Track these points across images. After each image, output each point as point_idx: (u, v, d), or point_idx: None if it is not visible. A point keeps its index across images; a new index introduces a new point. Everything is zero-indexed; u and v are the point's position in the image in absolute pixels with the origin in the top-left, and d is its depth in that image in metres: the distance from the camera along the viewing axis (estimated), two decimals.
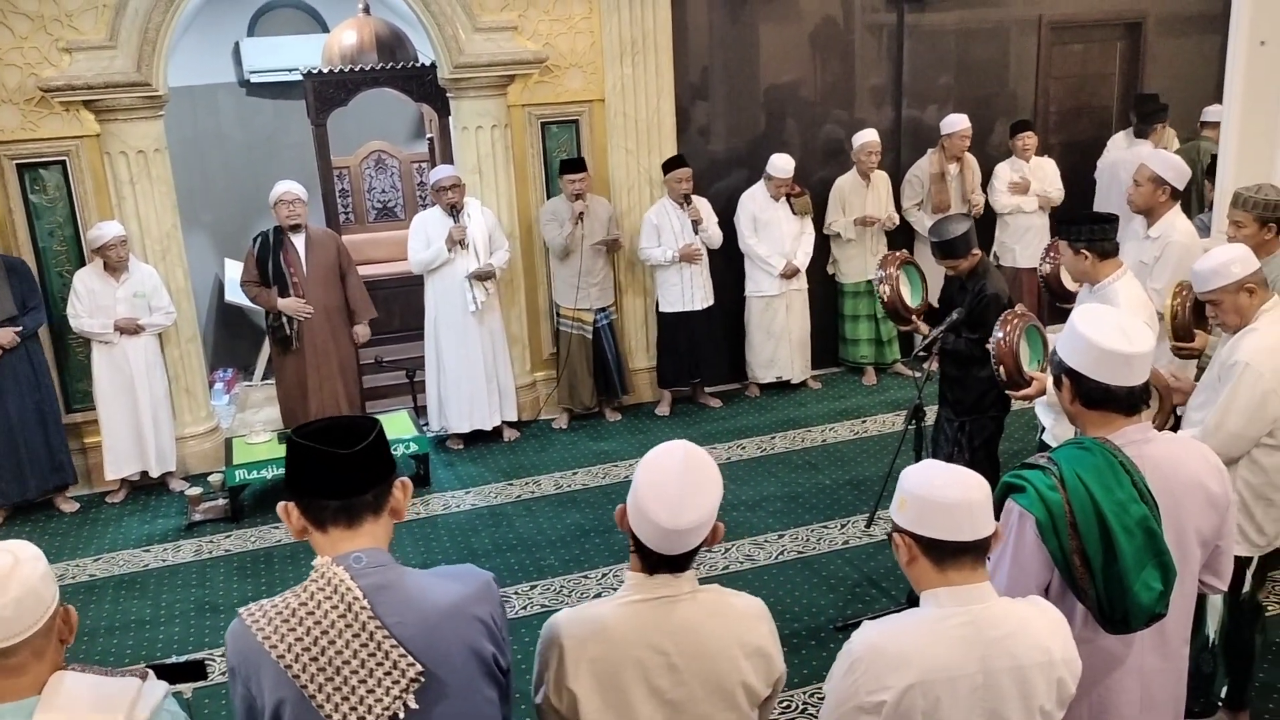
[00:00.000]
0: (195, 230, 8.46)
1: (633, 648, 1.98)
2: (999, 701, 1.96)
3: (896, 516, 2.02)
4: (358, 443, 1.83)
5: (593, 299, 6.73)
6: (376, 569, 1.83)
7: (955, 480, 1.97)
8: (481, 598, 1.91)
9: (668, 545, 1.97)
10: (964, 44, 7.74)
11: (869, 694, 1.95)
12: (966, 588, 1.98)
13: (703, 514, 1.95)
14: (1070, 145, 8.09)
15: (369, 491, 1.86)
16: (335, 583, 1.79)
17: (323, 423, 1.90)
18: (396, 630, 1.79)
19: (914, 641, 1.97)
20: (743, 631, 2.04)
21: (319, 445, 1.81)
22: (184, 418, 6.42)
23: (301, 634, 1.77)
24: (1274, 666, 4.06)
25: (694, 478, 1.97)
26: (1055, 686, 2.00)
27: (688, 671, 1.99)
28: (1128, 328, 2.29)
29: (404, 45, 8.14)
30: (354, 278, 6.42)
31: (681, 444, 2.03)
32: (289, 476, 1.87)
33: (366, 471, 1.86)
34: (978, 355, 4.57)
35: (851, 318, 7.50)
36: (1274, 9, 4.73)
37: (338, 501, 1.84)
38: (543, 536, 5.51)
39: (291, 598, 1.82)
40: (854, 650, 2.00)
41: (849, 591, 4.81)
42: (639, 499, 1.96)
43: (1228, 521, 2.40)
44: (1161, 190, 4.59)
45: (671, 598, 2.01)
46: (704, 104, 7.27)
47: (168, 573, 5.38)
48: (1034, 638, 1.98)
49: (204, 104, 9.03)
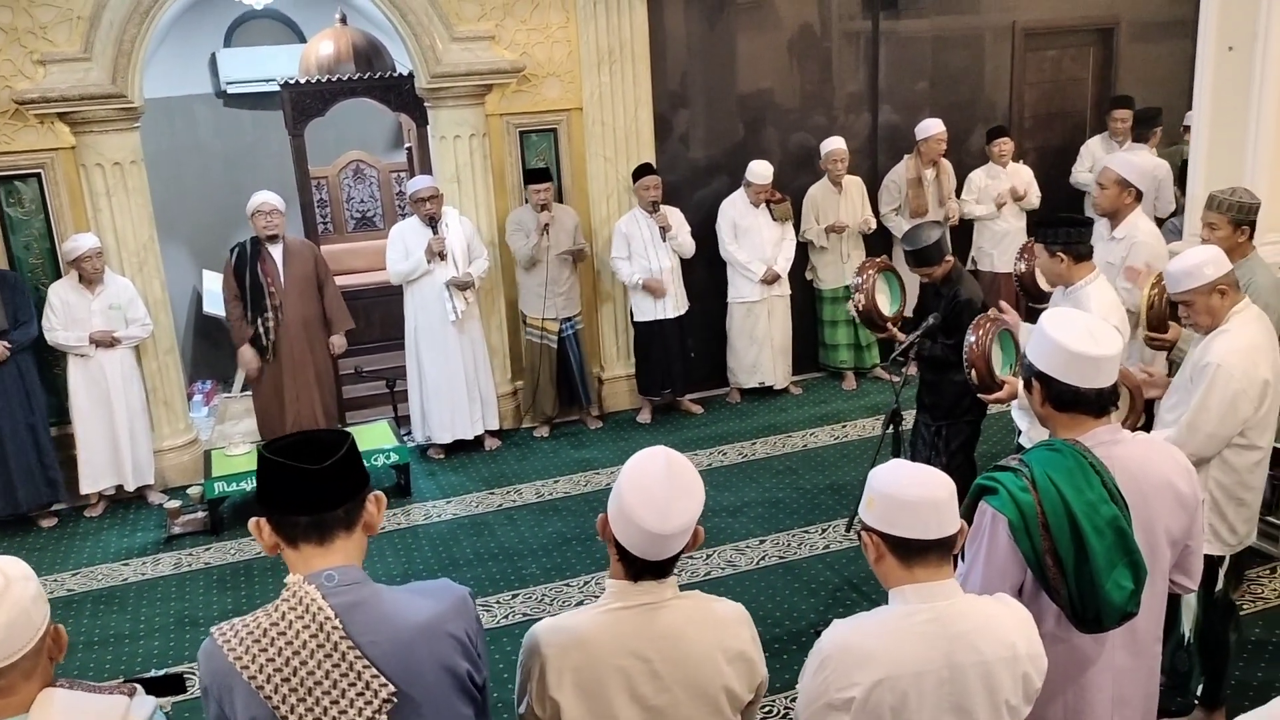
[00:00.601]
0: (173, 242, 8.42)
1: (615, 655, 1.99)
2: (965, 696, 1.98)
3: (864, 515, 2.05)
4: (328, 458, 1.81)
5: (559, 308, 6.71)
6: (349, 587, 1.82)
7: (920, 479, 2.00)
8: (456, 614, 1.90)
9: (654, 551, 1.98)
10: (939, 50, 7.80)
11: (838, 691, 1.97)
12: (932, 584, 2.01)
13: (689, 517, 1.97)
14: (1045, 150, 8.16)
15: (340, 507, 1.85)
16: (306, 602, 1.77)
17: (294, 437, 1.88)
18: (369, 650, 1.78)
19: (881, 638, 1.99)
20: (725, 637, 2.05)
21: (288, 461, 1.80)
22: (162, 430, 6.38)
23: (273, 654, 1.76)
24: (1249, 664, 4.10)
25: (678, 482, 1.99)
26: (1021, 681, 2.03)
27: (670, 678, 2.00)
28: (1095, 330, 2.32)
29: (381, 55, 8.14)
30: (331, 288, 6.40)
31: (662, 450, 2.05)
32: (260, 492, 1.87)
33: (337, 487, 1.84)
34: (953, 360, 4.60)
35: (831, 323, 7.53)
36: (1241, 15, 4.80)
37: (308, 518, 1.83)
38: (524, 545, 5.51)
39: (263, 617, 1.81)
40: (823, 649, 2.03)
41: (830, 596, 4.83)
42: (625, 506, 1.97)
43: (1197, 521, 2.43)
44: (1126, 193, 4.66)
45: (653, 604, 2.02)
46: (683, 112, 7.30)
47: (147, 586, 5.35)
48: (999, 633, 2.01)
49: (181, 115, 9.00)
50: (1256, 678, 4.03)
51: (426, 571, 5.28)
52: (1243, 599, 4.42)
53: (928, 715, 1.97)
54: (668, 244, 6.75)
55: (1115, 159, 4.76)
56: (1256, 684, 3.99)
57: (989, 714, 2.00)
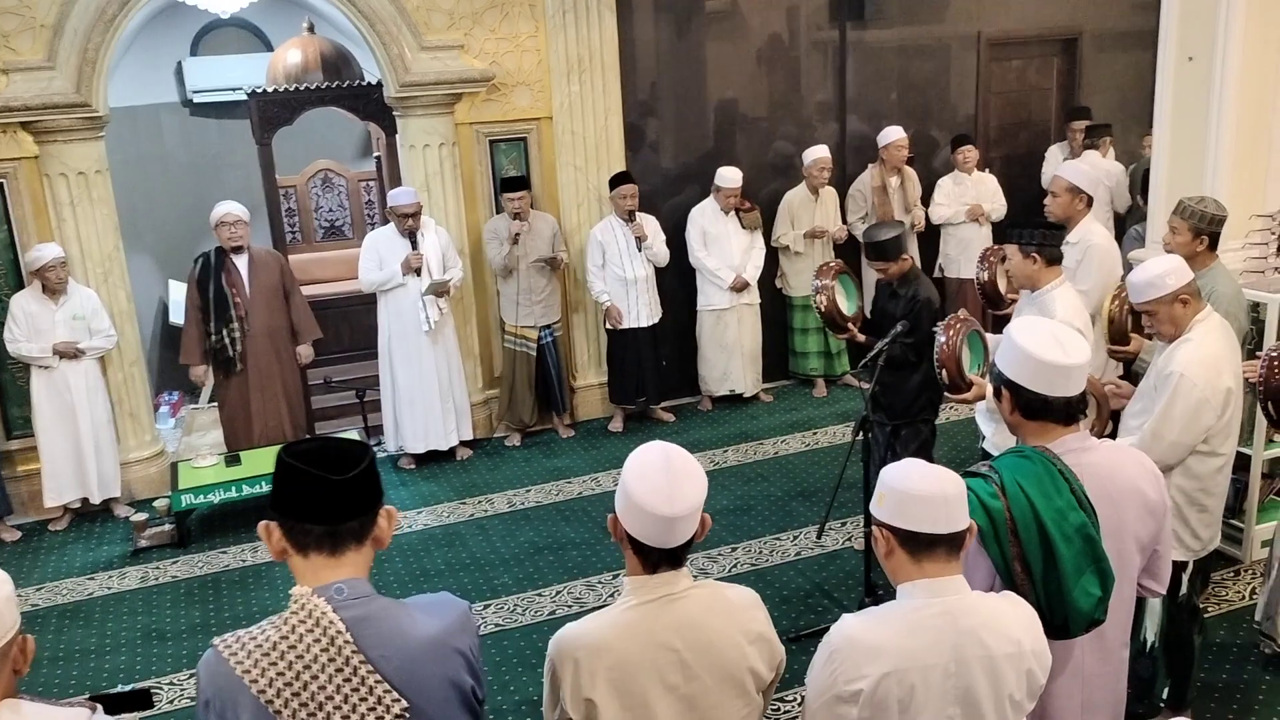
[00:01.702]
0: (139, 252, 8.33)
1: (644, 649, 2.04)
2: (970, 690, 2.01)
3: (876, 511, 2.08)
4: (350, 468, 1.79)
5: (536, 316, 6.72)
6: (358, 600, 1.80)
7: (931, 475, 2.04)
8: (461, 629, 1.90)
9: (667, 537, 2.03)
10: (905, 60, 7.87)
11: (847, 683, 2.00)
12: (941, 580, 2.04)
13: (696, 499, 2.03)
14: (1010, 159, 8.26)
15: (356, 519, 1.83)
16: (316, 615, 1.75)
17: (313, 443, 1.85)
18: (380, 664, 1.76)
19: (889, 631, 2.02)
20: (744, 620, 2.12)
21: (312, 469, 1.77)
22: (128, 442, 6.31)
23: (283, 668, 1.73)
24: (1214, 666, 4.15)
25: (679, 467, 2.06)
26: (1025, 678, 2.06)
27: (698, 665, 2.05)
28: (1064, 339, 2.35)
29: (349, 64, 8.11)
30: (298, 298, 6.36)
31: (657, 443, 2.13)
32: (274, 496, 1.83)
33: (356, 499, 1.82)
34: (912, 360, 4.67)
35: (801, 330, 7.57)
36: (1200, 26, 4.88)
37: (323, 527, 1.81)
38: (495, 555, 5.49)
39: (270, 630, 1.77)
40: (832, 641, 2.06)
41: (801, 603, 4.85)
42: (633, 496, 2.02)
43: (1165, 527, 2.47)
44: (1078, 199, 4.73)
45: (672, 595, 2.07)
46: (653, 121, 7.33)
47: (113, 600, 5.28)
48: (1005, 629, 2.04)
49: (147, 124, 8.91)
50: (1222, 680, 4.08)
51: (397, 583, 5.25)
52: (1207, 601, 4.48)
53: (934, 708, 2.00)
54: (643, 253, 6.77)
55: (1065, 167, 4.86)
56: (1222, 686, 4.04)
57: (993, 708, 2.03)
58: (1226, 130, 4.87)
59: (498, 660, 4.49)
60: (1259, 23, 4.80)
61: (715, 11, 7.30)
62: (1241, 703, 3.95)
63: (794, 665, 3.64)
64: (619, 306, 6.81)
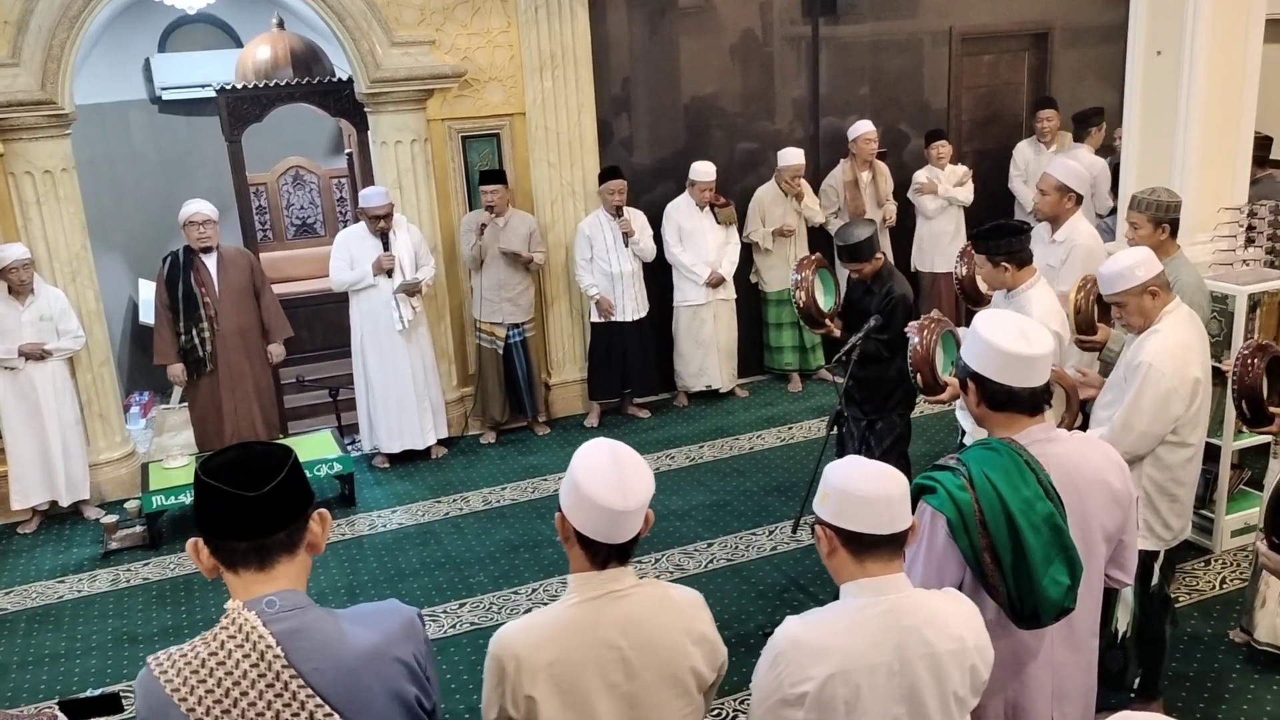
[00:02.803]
0: (107, 251, 8.24)
1: (587, 646, 2.02)
2: (914, 688, 2.01)
3: (819, 509, 2.07)
4: (267, 481, 1.73)
5: (505, 314, 6.67)
6: (290, 612, 1.75)
7: (875, 475, 2.03)
8: (404, 637, 1.85)
9: (616, 532, 2.02)
10: (878, 55, 7.89)
11: (792, 686, 1.99)
12: (883, 578, 2.04)
13: (646, 493, 2.03)
14: (982, 153, 8.29)
15: (282, 530, 1.77)
16: (246, 630, 1.71)
17: (233, 453, 1.79)
18: (313, 678, 1.72)
19: (833, 632, 2.02)
20: (688, 620, 2.11)
21: (225, 486, 1.72)
22: (98, 443, 6.24)
23: (212, 685, 1.69)
24: (1185, 656, 4.19)
25: (627, 462, 2.05)
26: (969, 673, 2.06)
27: (640, 663, 2.04)
28: (1028, 331, 2.36)
29: (320, 60, 8.04)
30: (268, 296, 6.30)
31: (601, 439, 2.11)
32: (197, 515, 1.79)
33: (278, 511, 1.76)
34: (885, 355, 4.69)
35: (776, 325, 7.58)
36: (1169, 21, 4.92)
37: (248, 543, 1.76)
38: (471, 554, 5.47)
39: (201, 646, 1.74)
40: (776, 644, 2.05)
41: (777, 597, 4.85)
42: (584, 490, 2.01)
43: (1130, 517, 2.48)
44: (1067, 198, 4.73)
45: (616, 593, 2.06)
46: (626, 117, 7.31)
47: (83, 603, 5.22)
48: (947, 626, 2.04)
49: (114, 122, 8.80)
50: (1192, 669, 4.12)
51: (372, 583, 5.22)
52: (1178, 589, 4.52)
53: (879, 707, 2.00)
54: (629, 248, 6.75)
55: (1055, 165, 4.82)
56: (1193, 675, 4.08)
57: (938, 705, 2.03)
58: (1195, 124, 4.91)
59: (473, 659, 4.47)
60: (1226, 17, 4.85)
61: (688, 7, 7.29)
62: (1213, 692, 3.98)
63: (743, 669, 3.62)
64: (608, 298, 6.79)
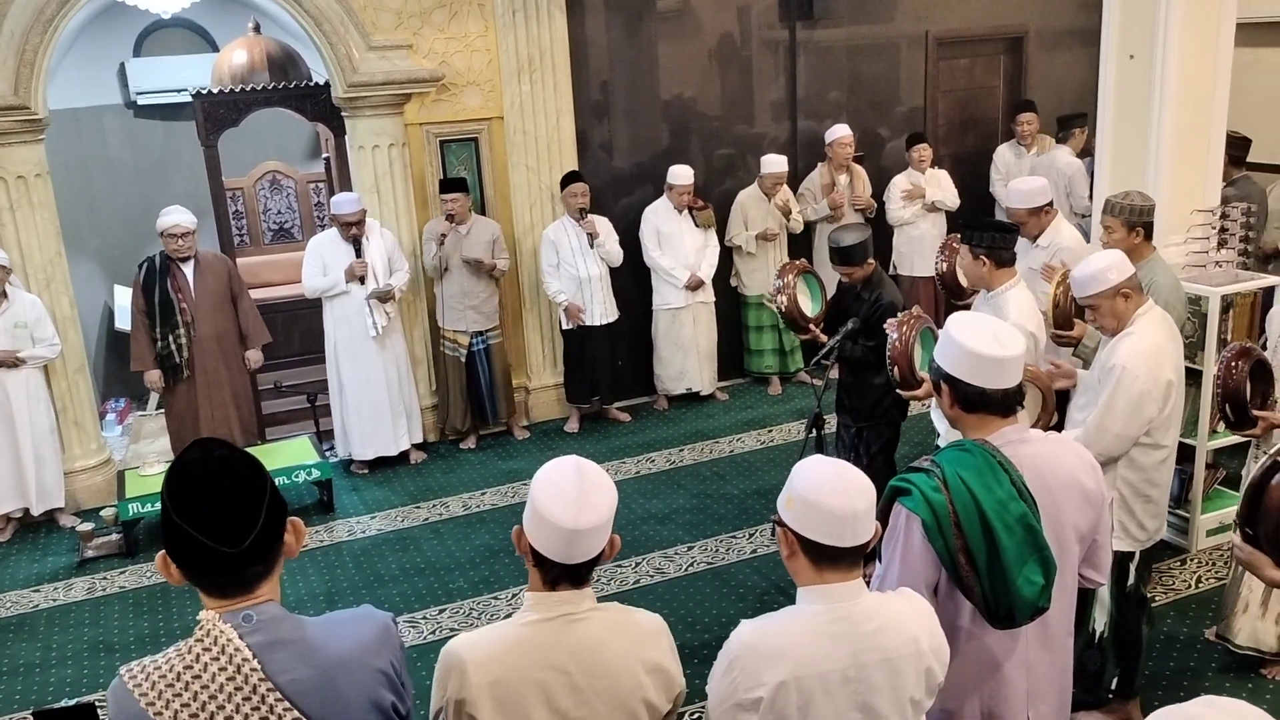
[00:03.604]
0: (82, 257, 8.17)
1: (534, 669, 1.97)
2: (870, 694, 2.01)
3: (783, 512, 2.05)
4: (247, 529, 1.69)
5: (469, 321, 6.62)
6: (266, 624, 1.73)
7: (841, 488, 2.00)
8: (380, 644, 1.83)
9: (570, 552, 1.96)
10: (854, 59, 7.93)
11: (746, 691, 1.98)
12: (840, 585, 2.03)
13: (602, 514, 1.96)
14: (959, 157, 8.33)
15: (260, 564, 1.74)
16: (222, 642, 1.69)
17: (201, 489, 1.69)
18: (289, 689, 1.70)
19: (788, 637, 2.01)
20: (644, 648, 2.05)
21: (203, 537, 1.67)
22: (73, 451, 6.18)
23: (188, 699, 1.67)
24: (1162, 655, 4.22)
25: (589, 480, 1.99)
26: (924, 676, 2.06)
27: (590, 690, 1.98)
28: (999, 333, 2.38)
29: (296, 64, 8.00)
30: (246, 301, 6.27)
31: (570, 457, 2.06)
32: (166, 543, 1.72)
33: (257, 555, 1.73)
34: (874, 362, 4.68)
35: (756, 329, 7.59)
36: (1141, 25, 4.95)
37: (224, 577, 1.73)
38: (450, 559, 5.45)
39: (175, 658, 1.72)
40: (731, 649, 2.03)
41: (758, 600, 4.86)
42: (538, 506, 1.96)
43: (1103, 517, 2.50)
44: (1041, 213, 4.88)
45: (572, 616, 2.00)
46: (605, 120, 7.31)
47: (59, 613, 5.17)
48: (903, 630, 2.04)
49: (89, 126, 8.73)
50: (1169, 668, 4.15)
51: (350, 589, 5.20)
52: (1154, 589, 4.55)
53: (833, 714, 1.99)
54: (595, 251, 6.74)
55: (1010, 196, 5.05)
56: (1169, 674, 4.11)
57: (894, 711, 2.03)
58: (1167, 126, 4.94)
59: None
60: (1197, 21, 4.88)
61: (666, 11, 7.30)
62: (1188, 690, 4.01)
63: None
64: (575, 304, 6.79)
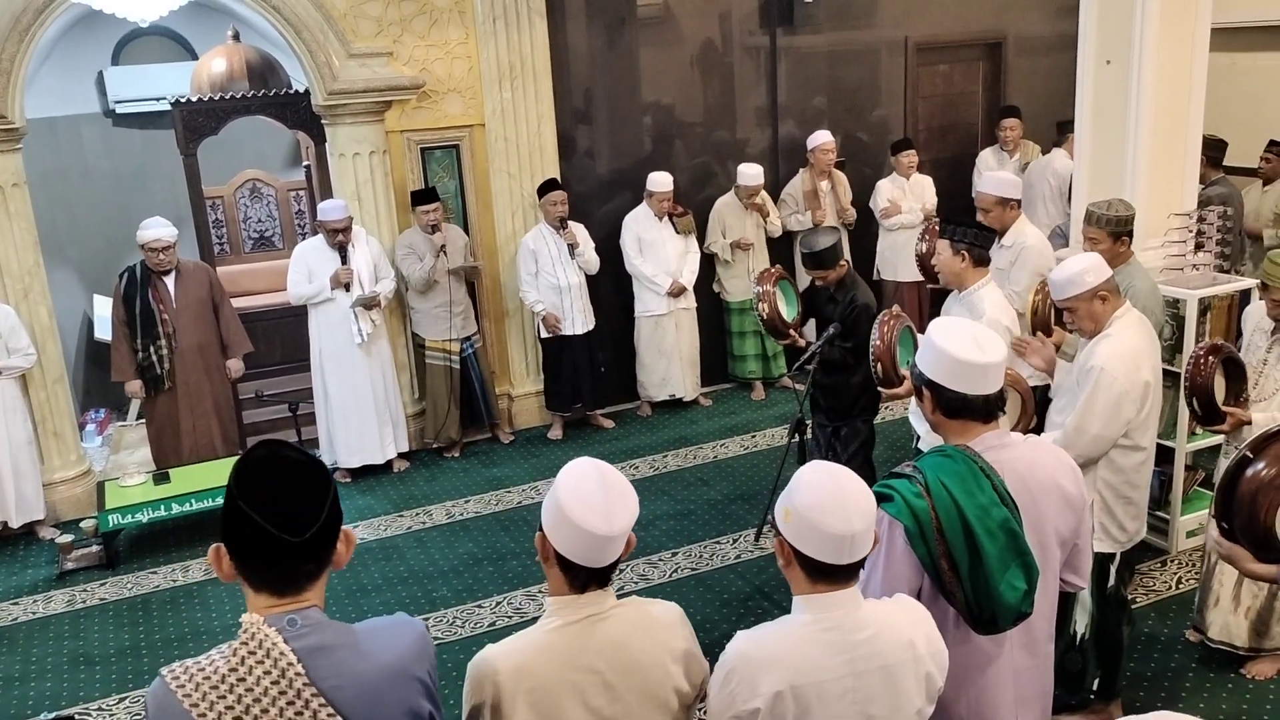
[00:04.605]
0: (61, 267, 8.12)
1: (567, 672, 2.00)
2: (869, 703, 2.02)
3: (781, 524, 2.04)
4: (310, 522, 1.71)
5: (458, 328, 6.63)
6: (310, 629, 1.73)
7: (840, 508, 1.98)
8: (419, 654, 1.84)
9: (598, 557, 1.99)
10: (835, 65, 7.96)
11: (744, 702, 1.99)
12: (835, 594, 2.04)
13: (630, 517, 2.00)
14: (939, 162, 8.37)
15: (313, 562, 1.76)
16: (267, 646, 1.68)
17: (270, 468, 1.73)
18: (333, 695, 1.70)
19: (783, 647, 2.02)
20: (668, 638, 2.09)
21: (266, 524, 1.69)
22: (52, 462, 6.13)
23: (232, 702, 1.66)
24: (1143, 656, 4.25)
25: (614, 485, 2.02)
26: (924, 682, 2.07)
27: (622, 687, 2.02)
28: (982, 339, 2.39)
29: (276, 72, 7.98)
30: (227, 310, 6.23)
31: (588, 459, 2.09)
32: (225, 533, 1.73)
33: (315, 551, 1.75)
34: (850, 363, 4.74)
35: (738, 334, 7.61)
36: (1118, 31, 5.00)
37: (277, 571, 1.74)
38: (434, 567, 5.43)
39: (220, 660, 1.71)
40: (728, 660, 2.04)
41: (742, 605, 4.86)
42: (568, 514, 1.97)
43: (1084, 520, 2.51)
44: (1008, 206, 4.96)
45: (597, 616, 2.03)
46: (587, 127, 7.31)
47: (38, 625, 5.13)
48: (899, 637, 2.05)
49: (67, 136, 8.68)
50: (1150, 669, 4.18)
51: (333, 599, 5.17)
52: (1134, 592, 4.58)
53: None
54: (575, 260, 6.74)
55: (985, 182, 5.09)
56: (1150, 675, 4.14)
57: (896, 719, 2.03)
58: (1144, 131, 4.99)
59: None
60: (1173, 27, 4.93)
61: (647, 18, 7.31)
62: (1169, 690, 4.04)
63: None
64: (554, 313, 6.79)
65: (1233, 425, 3.81)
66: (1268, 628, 4.06)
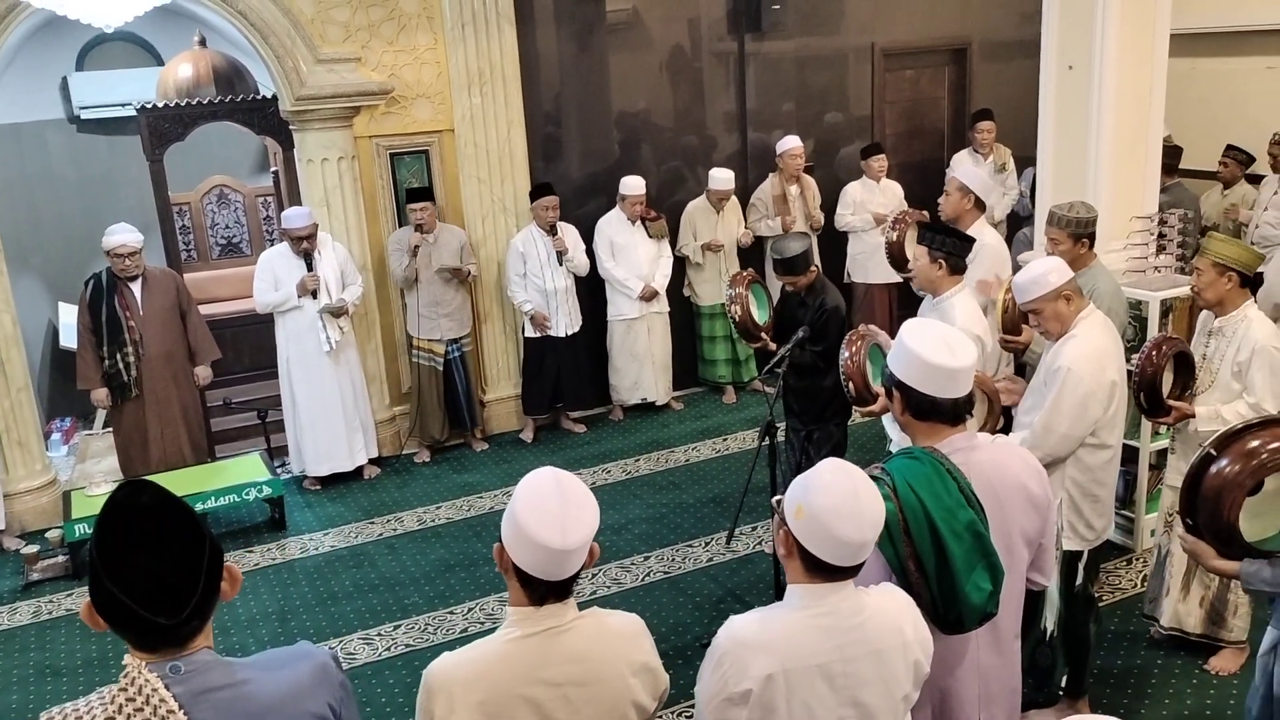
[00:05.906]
0: (25, 274, 8.02)
1: (524, 685, 1.96)
2: (859, 689, 2.04)
3: (790, 521, 2.04)
4: (186, 597, 1.63)
5: (443, 330, 6.64)
6: (194, 672, 1.67)
7: (855, 515, 1.99)
8: (315, 685, 1.78)
9: (556, 570, 1.95)
10: (802, 71, 8.01)
11: (735, 684, 2.00)
12: (829, 584, 2.06)
13: (588, 530, 1.95)
14: (906, 166, 8.44)
15: (195, 621, 1.68)
16: (147, 693, 1.62)
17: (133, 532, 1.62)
18: None
19: (775, 631, 2.04)
20: (628, 651, 2.07)
21: (139, 608, 1.61)
22: (17, 472, 6.05)
23: None
24: (1109, 653, 4.30)
25: (572, 497, 1.97)
26: (912, 668, 2.10)
27: (580, 700, 1.99)
28: (952, 343, 2.42)
29: (243, 77, 7.92)
30: (195, 317, 6.18)
31: (548, 469, 2.04)
32: (96, 603, 1.64)
33: (195, 619, 1.67)
34: (821, 366, 4.77)
35: (709, 338, 7.63)
36: (1079, 36, 5.07)
37: (156, 637, 1.67)
38: (405, 574, 5.41)
39: (98, 707, 1.65)
40: (719, 644, 2.06)
41: (714, 609, 4.88)
42: (524, 527, 1.93)
43: (1049, 521, 2.55)
44: (967, 199, 4.90)
45: (557, 628, 2.00)
46: (557, 132, 7.32)
47: (3, 637, 5.06)
48: (889, 623, 2.08)
49: (31, 142, 8.58)
50: (1116, 665, 4.23)
51: (304, 607, 5.14)
52: (1101, 588, 4.64)
53: (823, 709, 2.02)
54: (564, 265, 6.75)
55: (960, 169, 5.04)
56: (1117, 671, 4.19)
57: (884, 706, 2.06)
58: (1106, 135, 5.06)
59: (409, 682, 4.42)
60: (1133, 33, 5.01)
61: (617, 23, 7.33)
62: (1135, 687, 4.09)
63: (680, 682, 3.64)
64: (543, 312, 6.79)
65: (1177, 418, 3.89)
66: (1223, 618, 4.12)
